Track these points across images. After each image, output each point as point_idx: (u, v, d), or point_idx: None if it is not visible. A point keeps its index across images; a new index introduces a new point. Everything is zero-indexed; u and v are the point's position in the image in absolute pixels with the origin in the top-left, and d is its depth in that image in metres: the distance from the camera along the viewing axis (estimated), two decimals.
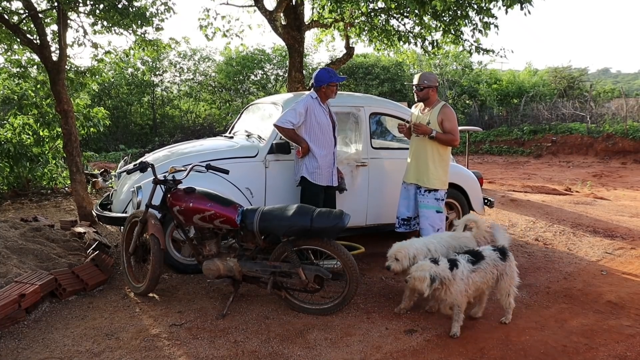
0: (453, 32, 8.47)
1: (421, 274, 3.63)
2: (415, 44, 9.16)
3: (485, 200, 6.41)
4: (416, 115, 5.23)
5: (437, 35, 8.88)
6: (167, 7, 7.44)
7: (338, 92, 5.16)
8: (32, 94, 8.98)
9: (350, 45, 9.75)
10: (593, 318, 4.15)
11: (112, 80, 19.99)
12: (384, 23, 8.99)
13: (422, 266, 3.70)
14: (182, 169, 4.41)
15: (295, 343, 3.62)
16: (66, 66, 7.18)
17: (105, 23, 6.99)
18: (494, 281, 3.92)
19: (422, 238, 4.35)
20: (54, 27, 7.31)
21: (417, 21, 8.47)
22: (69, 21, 6.99)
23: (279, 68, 23.03)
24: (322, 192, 4.95)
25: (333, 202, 5.12)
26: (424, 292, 3.64)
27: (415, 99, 5.24)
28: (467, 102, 22.79)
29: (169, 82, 23.10)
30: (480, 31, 8.04)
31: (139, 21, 6.84)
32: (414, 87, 5.14)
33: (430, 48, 9.06)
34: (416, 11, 7.50)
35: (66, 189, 9.56)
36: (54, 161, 9.58)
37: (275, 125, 4.85)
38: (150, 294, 4.48)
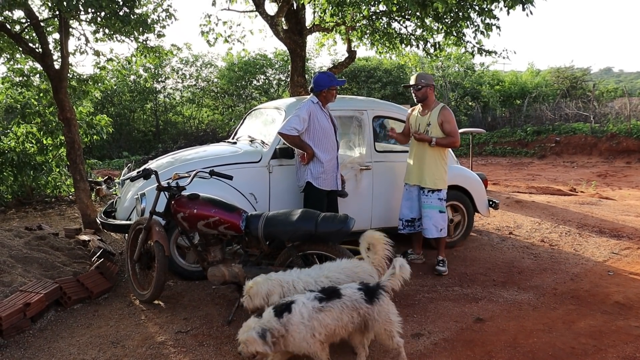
0: (455, 34, 8.45)
1: (248, 336, 3.03)
2: (417, 46, 9.15)
3: (490, 202, 6.40)
4: (415, 116, 5.29)
5: (439, 38, 8.87)
6: (168, 13, 7.44)
7: (340, 95, 5.16)
8: (35, 103, 9.00)
9: (352, 49, 9.74)
10: (601, 319, 4.11)
11: (115, 87, 20.03)
12: (385, 26, 8.98)
13: (245, 326, 3.10)
14: (186, 175, 4.41)
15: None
16: (68, 74, 7.19)
17: (106, 31, 7.00)
18: (359, 326, 3.23)
19: (284, 274, 3.56)
20: (56, 35, 7.33)
21: (419, 23, 8.45)
22: (70, 29, 7.00)
23: (281, 73, 23.05)
24: (325, 197, 4.93)
25: (335, 206, 5.10)
26: (266, 355, 3.06)
27: (415, 100, 5.29)
28: (470, 103, 22.74)
29: (171, 88, 23.14)
30: (482, 32, 8.02)
31: (141, 28, 6.84)
32: (411, 88, 5.20)
33: (432, 50, 9.05)
34: (417, 13, 7.48)
35: (70, 197, 9.58)
36: (57, 169, 9.60)
37: (279, 133, 4.81)
38: (156, 301, 4.47)
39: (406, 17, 8.65)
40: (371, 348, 3.61)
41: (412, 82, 5.20)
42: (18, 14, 6.96)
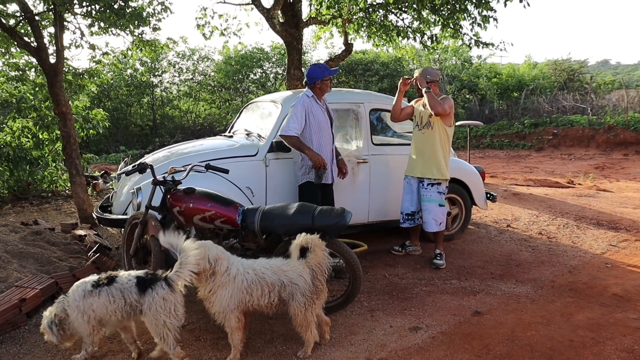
0: (452, 26, 8.42)
1: (43, 328, 3.10)
2: (414, 39, 9.11)
3: (488, 195, 6.39)
4: (419, 109, 5.30)
5: (436, 30, 8.84)
6: (164, 6, 7.38)
7: (337, 88, 5.14)
8: (31, 97, 8.95)
9: (349, 42, 9.69)
10: (599, 312, 4.11)
11: (112, 81, 19.97)
12: (382, 18, 8.94)
13: (44, 315, 3.15)
14: (182, 169, 4.37)
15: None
16: (64, 68, 7.14)
17: (102, 24, 6.94)
18: (133, 316, 3.15)
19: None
20: (51, 29, 7.27)
21: (416, 16, 8.42)
22: (65, 23, 6.95)
23: (278, 66, 23.00)
24: (319, 190, 4.91)
25: (331, 198, 5.08)
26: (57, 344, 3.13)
27: (417, 95, 5.29)
28: (467, 96, 22.73)
29: (168, 82, 23.10)
30: (479, 25, 8.00)
31: (136, 21, 6.77)
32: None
33: (429, 43, 9.02)
34: (414, 5, 7.46)
35: (66, 191, 9.54)
36: (53, 164, 9.56)
37: (281, 136, 4.80)
38: None
39: (403, 9, 8.61)
40: (368, 342, 3.60)
41: (416, 75, 5.23)
42: (12, 7, 6.90)
